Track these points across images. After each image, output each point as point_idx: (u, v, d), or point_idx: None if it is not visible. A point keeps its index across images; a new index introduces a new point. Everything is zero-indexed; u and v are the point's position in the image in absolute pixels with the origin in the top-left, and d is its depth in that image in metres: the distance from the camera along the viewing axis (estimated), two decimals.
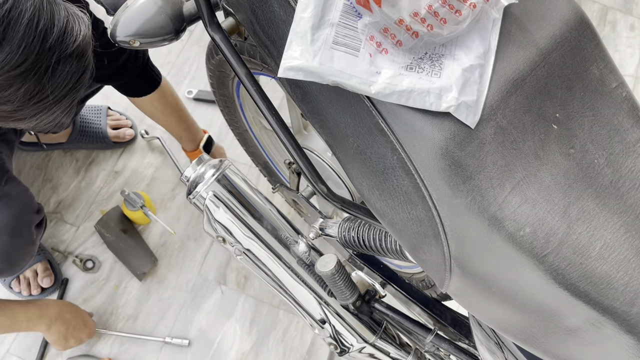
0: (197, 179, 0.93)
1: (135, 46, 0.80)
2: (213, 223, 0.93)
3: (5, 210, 1.20)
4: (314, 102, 0.65)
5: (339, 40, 0.55)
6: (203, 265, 1.63)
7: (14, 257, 1.27)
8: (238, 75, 0.72)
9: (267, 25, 0.65)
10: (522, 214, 0.55)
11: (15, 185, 1.26)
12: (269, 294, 1.61)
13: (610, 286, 0.54)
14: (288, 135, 0.73)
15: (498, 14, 0.56)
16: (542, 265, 0.54)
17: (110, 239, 1.63)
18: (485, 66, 0.56)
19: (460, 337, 0.96)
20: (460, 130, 0.55)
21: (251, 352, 1.55)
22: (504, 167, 0.55)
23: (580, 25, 0.59)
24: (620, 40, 2.01)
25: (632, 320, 0.54)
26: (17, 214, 1.22)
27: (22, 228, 1.25)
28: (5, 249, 1.22)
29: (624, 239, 0.55)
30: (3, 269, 1.26)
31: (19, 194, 1.25)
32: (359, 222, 0.94)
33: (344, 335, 0.99)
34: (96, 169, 1.74)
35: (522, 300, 0.58)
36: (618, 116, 0.59)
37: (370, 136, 0.60)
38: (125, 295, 1.59)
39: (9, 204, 1.21)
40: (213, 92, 1.37)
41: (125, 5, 0.79)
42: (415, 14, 0.53)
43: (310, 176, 0.75)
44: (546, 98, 0.57)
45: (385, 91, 0.54)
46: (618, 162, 0.58)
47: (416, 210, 0.60)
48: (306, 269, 0.96)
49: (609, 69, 0.60)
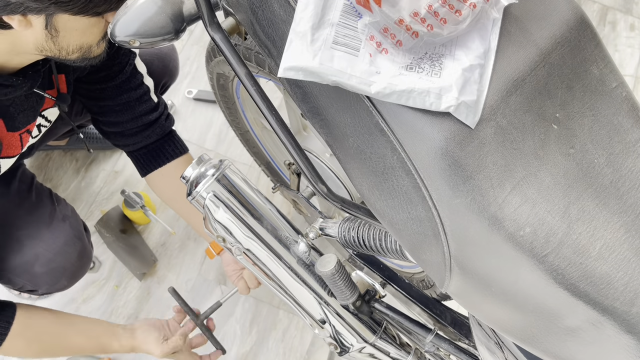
0: (197, 179, 0.93)
1: (135, 46, 0.80)
2: (213, 223, 0.93)
3: (70, 232, 1.22)
4: (314, 102, 0.65)
5: (339, 40, 0.55)
6: (203, 265, 1.63)
7: (78, 275, 1.29)
8: (238, 75, 0.72)
9: (267, 25, 0.65)
10: (522, 214, 0.55)
11: (65, 205, 1.29)
12: (269, 294, 1.61)
13: (610, 286, 0.54)
14: (288, 135, 0.73)
15: (498, 14, 0.56)
16: (542, 265, 0.54)
17: (110, 239, 1.63)
18: (485, 66, 0.56)
19: (460, 337, 0.96)
20: (460, 130, 0.55)
21: (251, 352, 1.55)
22: (504, 167, 0.55)
23: (580, 25, 0.59)
24: (620, 40, 2.01)
25: (632, 320, 0.54)
26: (80, 234, 1.25)
27: (86, 247, 1.27)
28: (73, 269, 1.24)
29: (624, 239, 0.55)
30: (67, 285, 1.28)
31: (72, 213, 1.28)
32: (359, 222, 0.94)
33: (344, 335, 0.99)
34: (96, 169, 1.74)
35: (522, 300, 0.58)
36: (618, 116, 0.59)
37: (370, 136, 0.60)
38: (125, 295, 1.59)
39: (71, 225, 1.24)
40: (214, 94, 1.37)
41: (125, 5, 0.79)
42: (415, 14, 0.53)
43: (310, 176, 0.75)
44: (546, 98, 0.57)
45: (385, 91, 0.54)
46: (618, 162, 0.58)
47: (416, 210, 0.60)
48: (306, 269, 0.96)
49: (609, 69, 0.60)
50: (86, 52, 0.90)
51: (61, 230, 1.21)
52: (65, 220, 1.23)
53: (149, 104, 1.20)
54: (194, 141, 1.78)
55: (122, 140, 1.24)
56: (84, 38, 0.87)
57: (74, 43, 0.87)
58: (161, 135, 1.24)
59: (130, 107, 1.18)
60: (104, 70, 1.13)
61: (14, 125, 1.02)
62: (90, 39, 0.88)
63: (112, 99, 1.17)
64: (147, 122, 1.21)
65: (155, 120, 1.22)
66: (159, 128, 1.23)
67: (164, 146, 1.26)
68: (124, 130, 1.21)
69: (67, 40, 0.86)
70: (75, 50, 0.89)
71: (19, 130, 1.05)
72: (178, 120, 1.80)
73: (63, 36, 0.84)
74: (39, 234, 1.18)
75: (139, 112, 1.19)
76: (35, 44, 0.85)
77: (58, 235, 1.20)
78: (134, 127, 1.21)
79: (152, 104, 1.21)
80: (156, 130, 1.23)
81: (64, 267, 1.21)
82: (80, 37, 0.87)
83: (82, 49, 0.89)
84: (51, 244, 1.19)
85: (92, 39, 0.89)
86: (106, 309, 1.57)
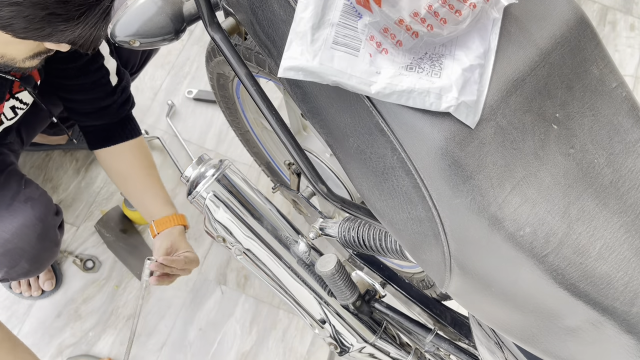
0: (197, 179, 0.93)
1: (136, 46, 0.80)
2: (213, 223, 0.93)
3: (31, 213, 1.21)
4: (314, 102, 0.65)
5: (339, 40, 0.55)
6: (203, 265, 1.63)
7: (41, 258, 1.28)
8: (238, 75, 0.72)
9: (267, 25, 0.65)
10: (522, 214, 0.55)
11: (34, 188, 1.28)
12: (269, 294, 1.61)
13: (610, 286, 0.54)
14: (288, 135, 0.73)
15: (498, 14, 0.56)
16: (542, 265, 0.54)
17: (110, 239, 1.63)
18: (485, 66, 0.56)
19: (460, 337, 0.96)
20: (460, 130, 0.55)
21: (251, 352, 1.55)
22: (504, 167, 0.55)
23: (580, 25, 0.59)
24: (620, 40, 2.01)
25: (632, 320, 0.54)
26: (43, 216, 1.24)
27: (49, 230, 1.26)
28: (34, 252, 1.23)
29: (624, 239, 0.55)
30: (30, 270, 1.26)
31: (40, 197, 1.27)
32: (359, 222, 0.94)
33: (344, 335, 0.99)
34: (96, 169, 1.74)
35: (522, 300, 0.58)
36: (618, 116, 0.59)
37: (370, 136, 0.60)
38: (125, 295, 1.59)
39: (33, 207, 1.22)
40: (214, 94, 1.37)
41: (125, 5, 0.79)
42: (415, 14, 0.53)
43: (310, 176, 0.75)
44: (546, 98, 0.57)
45: (385, 91, 0.54)
46: (618, 162, 0.58)
47: (416, 210, 0.60)
48: (306, 269, 0.96)
49: (609, 69, 0.60)
50: (8, 61, 0.92)
51: (21, 211, 1.20)
52: (27, 201, 1.22)
53: (106, 87, 1.24)
54: (194, 141, 1.78)
55: (75, 116, 1.30)
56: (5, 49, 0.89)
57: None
58: (109, 122, 1.29)
59: (85, 89, 1.22)
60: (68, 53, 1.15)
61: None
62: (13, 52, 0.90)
63: (69, 79, 1.21)
64: (99, 107, 1.25)
65: (107, 106, 1.26)
66: (112, 114, 1.28)
67: (115, 128, 1.30)
68: (78, 108, 1.26)
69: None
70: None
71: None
72: (178, 120, 1.80)
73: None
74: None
75: (93, 95, 1.23)
76: None
77: (16, 216, 1.19)
78: (87, 108, 1.26)
79: (109, 88, 1.24)
80: (109, 115, 1.27)
81: (22, 249, 1.20)
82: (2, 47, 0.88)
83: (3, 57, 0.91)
84: (7, 225, 1.18)
85: (15, 54, 0.90)
86: (106, 309, 1.57)
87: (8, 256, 1.19)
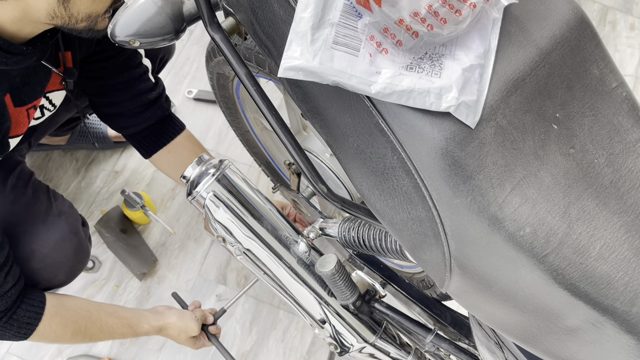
0: (197, 179, 0.93)
1: (135, 46, 0.80)
2: (213, 223, 0.93)
3: (66, 227, 1.22)
4: (314, 102, 0.65)
5: (339, 40, 0.55)
6: (203, 265, 1.63)
7: (76, 270, 1.29)
8: (238, 75, 0.72)
9: (267, 25, 0.65)
10: (522, 214, 0.55)
11: (62, 200, 1.30)
12: (269, 294, 1.61)
13: (610, 286, 0.54)
14: (288, 135, 0.73)
15: (498, 14, 0.56)
16: (542, 265, 0.54)
17: (110, 239, 1.63)
18: (485, 66, 0.56)
19: (460, 337, 0.96)
20: (460, 130, 0.55)
21: (251, 352, 1.55)
22: (504, 167, 0.55)
23: (580, 25, 0.59)
24: (620, 40, 2.01)
25: (632, 320, 0.54)
26: (76, 229, 1.25)
27: (82, 243, 1.27)
28: (70, 264, 1.24)
29: (624, 239, 0.55)
30: (65, 281, 1.27)
31: (69, 209, 1.29)
32: (359, 222, 0.94)
33: (344, 335, 0.99)
34: (96, 169, 1.74)
35: (522, 300, 0.58)
36: (618, 116, 0.59)
37: (370, 136, 0.60)
38: (125, 295, 1.59)
39: (67, 221, 1.24)
40: (214, 94, 1.37)
41: (125, 5, 0.79)
42: (415, 14, 0.53)
43: (310, 176, 0.74)
44: (546, 98, 0.57)
45: (385, 91, 0.54)
46: (618, 162, 0.58)
47: (416, 210, 0.60)
48: (306, 269, 0.96)
49: (609, 69, 0.60)
50: (93, 21, 0.93)
51: (57, 225, 1.21)
52: (61, 215, 1.23)
53: (148, 83, 1.24)
54: None
55: (122, 122, 1.28)
56: (94, 6, 0.90)
57: (83, 11, 0.89)
58: (161, 117, 1.28)
59: (130, 85, 1.22)
60: (108, 50, 1.16)
61: (20, 99, 1.03)
62: (99, 7, 0.91)
63: (113, 77, 1.20)
64: (146, 102, 1.24)
65: (154, 100, 1.26)
66: (159, 110, 1.27)
67: (165, 126, 1.30)
68: (125, 111, 1.25)
69: (78, 7, 0.88)
70: (84, 19, 0.91)
71: (26, 105, 1.06)
72: None
73: (74, 2, 0.87)
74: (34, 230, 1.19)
75: (139, 90, 1.23)
76: (47, 10, 0.87)
77: (53, 230, 1.20)
78: (134, 107, 1.24)
79: (151, 83, 1.25)
80: (156, 112, 1.27)
81: (60, 262, 1.21)
82: (90, 5, 0.89)
83: (90, 17, 0.91)
84: (46, 240, 1.19)
85: (100, 8, 0.91)
86: None
87: (47, 270, 1.19)
